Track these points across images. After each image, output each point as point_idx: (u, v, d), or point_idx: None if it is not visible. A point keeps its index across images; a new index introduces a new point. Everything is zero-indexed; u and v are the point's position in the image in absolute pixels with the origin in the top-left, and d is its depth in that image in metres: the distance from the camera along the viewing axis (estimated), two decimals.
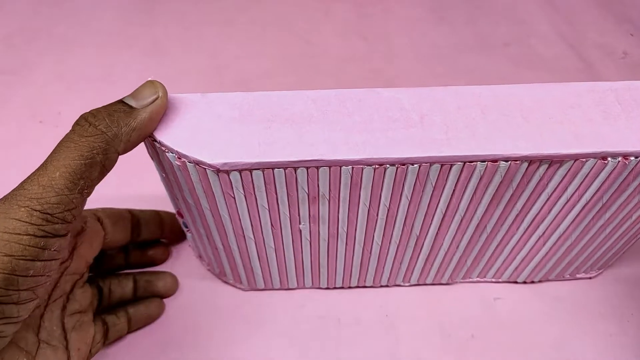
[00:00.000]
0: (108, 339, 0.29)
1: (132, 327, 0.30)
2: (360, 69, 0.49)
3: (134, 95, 0.21)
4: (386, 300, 0.33)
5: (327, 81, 0.47)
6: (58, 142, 0.20)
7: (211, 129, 0.22)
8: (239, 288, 0.33)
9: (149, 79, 0.22)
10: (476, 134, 0.22)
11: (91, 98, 0.45)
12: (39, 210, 0.19)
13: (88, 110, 0.21)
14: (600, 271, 0.33)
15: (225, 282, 0.33)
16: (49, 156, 0.20)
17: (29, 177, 0.20)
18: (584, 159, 0.22)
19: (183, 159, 0.21)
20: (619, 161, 0.22)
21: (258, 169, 0.21)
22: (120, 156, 0.21)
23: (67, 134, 0.20)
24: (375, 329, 0.31)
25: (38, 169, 0.20)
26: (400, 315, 0.32)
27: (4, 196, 0.19)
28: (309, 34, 0.52)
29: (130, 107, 0.21)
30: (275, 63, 0.49)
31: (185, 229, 0.30)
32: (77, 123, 0.20)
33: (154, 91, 0.21)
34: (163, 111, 0.21)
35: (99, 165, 0.20)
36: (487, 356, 0.30)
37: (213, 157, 0.21)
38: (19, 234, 0.18)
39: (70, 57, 0.49)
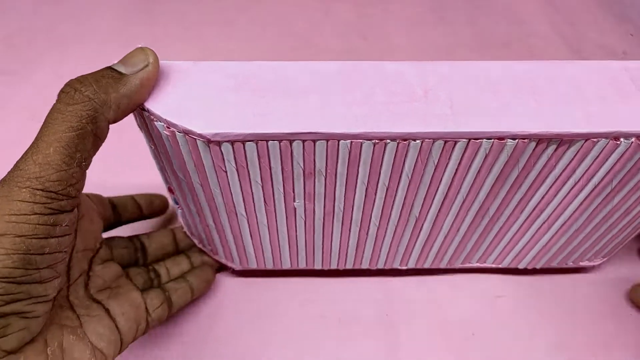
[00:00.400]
0: (173, 305, 0.28)
1: (195, 293, 0.30)
2: None
3: (123, 61, 0.20)
4: (386, 299, 0.33)
5: None
6: None
7: (203, 97, 0.21)
8: (231, 267, 0.32)
9: (139, 45, 0.21)
10: (483, 110, 0.21)
11: None
12: (41, 189, 0.18)
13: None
14: (605, 259, 0.32)
15: (218, 261, 0.32)
16: (39, 132, 0.19)
17: (22, 157, 0.19)
18: (595, 139, 0.21)
19: (172, 129, 0.20)
20: (632, 142, 0.21)
21: (251, 140, 0.20)
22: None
23: (53, 105, 0.19)
24: (375, 329, 0.31)
25: (30, 147, 0.19)
26: (400, 315, 0.32)
27: (1, 180, 0.19)
28: (309, 34, 0.52)
29: (120, 73, 0.20)
30: None
31: (175, 206, 0.29)
32: (62, 91, 0.19)
33: (145, 58, 0.20)
34: (154, 78, 0.21)
35: (90, 135, 0.19)
36: (487, 354, 0.30)
37: (204, 126, 0.20)
38: (26, 214, 0.18)
39: (70, 57, 0.49)
